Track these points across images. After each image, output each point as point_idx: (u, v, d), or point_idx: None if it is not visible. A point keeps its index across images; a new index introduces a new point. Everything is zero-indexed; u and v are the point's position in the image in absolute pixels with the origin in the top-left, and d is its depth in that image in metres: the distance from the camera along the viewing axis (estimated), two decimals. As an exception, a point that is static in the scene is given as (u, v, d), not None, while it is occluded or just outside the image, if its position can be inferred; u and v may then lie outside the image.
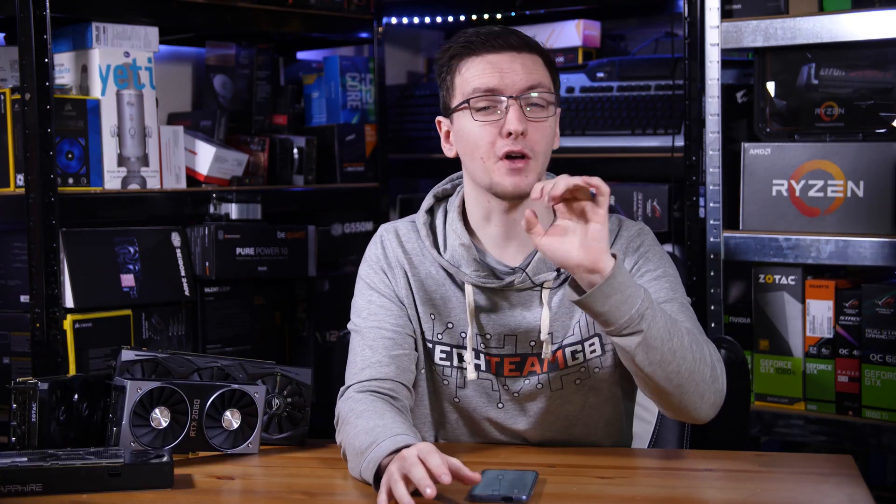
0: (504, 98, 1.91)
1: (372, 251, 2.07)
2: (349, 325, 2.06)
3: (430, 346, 2.02)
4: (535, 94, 1.92)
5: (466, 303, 1.98)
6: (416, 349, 2.01)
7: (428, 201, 2.07)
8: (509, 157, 1.91)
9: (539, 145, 1.92)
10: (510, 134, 1.89)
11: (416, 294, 2.01)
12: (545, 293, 1.97)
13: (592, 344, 1.98)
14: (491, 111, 1.92)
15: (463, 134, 1.95)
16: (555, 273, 1.97)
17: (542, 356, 1.97)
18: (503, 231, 1.98)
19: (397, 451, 1.71)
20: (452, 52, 1.97)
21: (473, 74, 1.93)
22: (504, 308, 1.98)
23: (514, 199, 1.95)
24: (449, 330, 2.00)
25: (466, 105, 1.93)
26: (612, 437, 2.05)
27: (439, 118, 2.03)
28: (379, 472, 1.71)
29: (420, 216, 2.05)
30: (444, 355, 2.01)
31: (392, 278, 2.03)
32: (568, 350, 1.98)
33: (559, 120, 2.00)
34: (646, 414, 2.14)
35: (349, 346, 2.04)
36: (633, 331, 1.76)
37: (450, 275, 2.00)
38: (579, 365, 1.98)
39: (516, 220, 1.96)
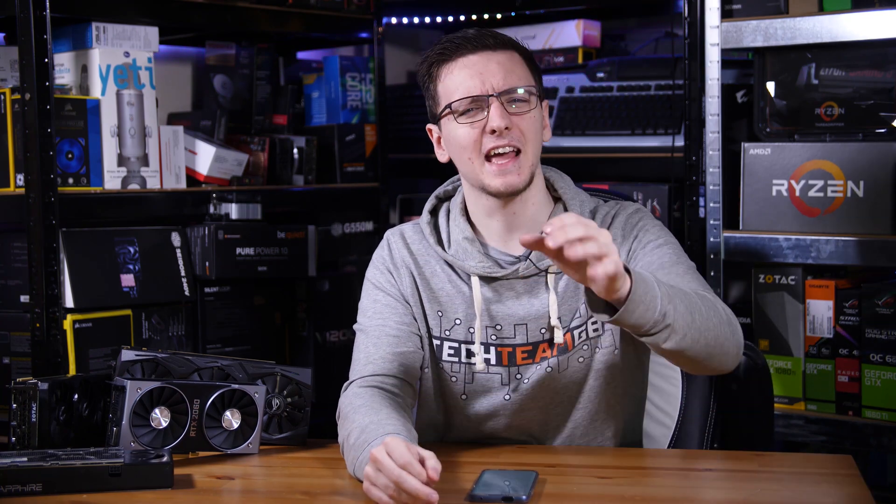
0: (485, 98, 1.93)
1: (378, 254, 2.10)
2: (355, 326, 2.07)
3: (437, 343, 2.03)
4: (520, 90, 1.95)
5: (473, 295, 1.99)
6: (422, 348, 2.02)
7: (431, 202, 2.10)
8: (496, 156, 1.93)
9: (528, 134, 1.95)
10: (494, 131, 1.92)
11: (422, 293, 2.04)
12: (551, 278, 1.99)
13: (595, 322, 2.00)
14: (474, 113, 1.95)
15: (451, 138, 1.99)
16: None
17: (556, 341, 1.98)
18: (505, 225, 2.01)
19: None
20: (430, 60, 2.01)
21: (453, 80, 1.97)
22: (511, 298, 2.00)
23: (509, 197, 1.97)
24: (457, 326, 2.02)
25: (450, 110, 1.97)
26: (615, 427, 2.05)
27: (429, 126, 2.07)
28: None
29: (423, 217, 2.08)
30: (451, 352, 2.02)
31: (398, 278, 2.05)
32: (575, 332, 1.99)
33: (549, 114, 2.03)
34: (664, 417, 2.13)
35: (354, 345, 2.05)
36: (660, 329, 1.76)
37: (455, 270, 2.02)
38: (583, 343, 2.00)
39: (517, 214, 2.00)
